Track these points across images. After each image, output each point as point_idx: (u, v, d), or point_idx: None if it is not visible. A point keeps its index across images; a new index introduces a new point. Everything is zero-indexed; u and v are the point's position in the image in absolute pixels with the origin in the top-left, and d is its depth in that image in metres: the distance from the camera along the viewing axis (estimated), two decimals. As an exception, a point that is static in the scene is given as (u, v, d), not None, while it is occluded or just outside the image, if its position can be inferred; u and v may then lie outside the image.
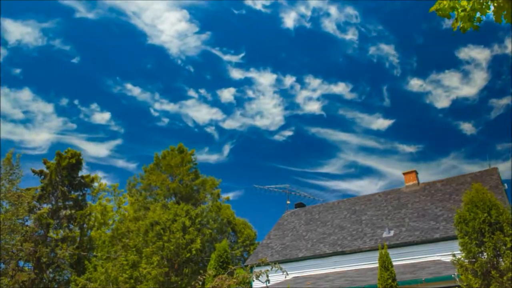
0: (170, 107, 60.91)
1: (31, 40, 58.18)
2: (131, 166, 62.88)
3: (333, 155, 61.88)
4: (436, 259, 15.24)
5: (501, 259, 10.47)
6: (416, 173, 21.47)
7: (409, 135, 60.30)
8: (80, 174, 30.40)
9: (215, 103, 60.94)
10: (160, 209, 26.31)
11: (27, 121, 59.91)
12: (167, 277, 24.85)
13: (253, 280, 9.93)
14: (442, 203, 18.04)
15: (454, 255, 11.17)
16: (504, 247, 10.46)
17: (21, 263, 27.02)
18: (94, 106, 60.74)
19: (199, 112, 60.62)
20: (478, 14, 4.91)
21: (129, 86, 60.67)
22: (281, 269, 8.99)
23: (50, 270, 27.87)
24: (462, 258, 10.94)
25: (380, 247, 13.56)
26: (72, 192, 29.90)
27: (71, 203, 29.32)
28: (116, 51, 62.94)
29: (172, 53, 60.98)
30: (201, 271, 10.97)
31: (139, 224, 26.32)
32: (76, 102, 60.89)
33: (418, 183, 21.08)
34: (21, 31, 56.74)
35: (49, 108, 61.28)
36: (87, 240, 30.27)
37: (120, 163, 64.41)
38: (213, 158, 60.91)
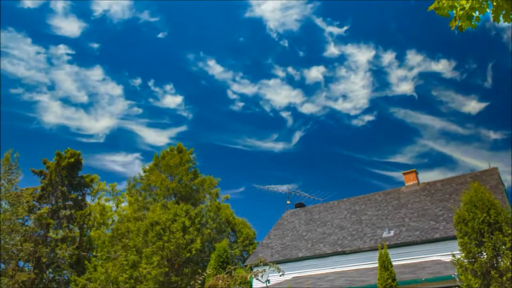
0: (248, 89, 57.67)
1: (118, 11, 55.54)
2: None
3: (409, 141, 57.84)
4: (436, 259, 15.23)
5: (500, 259, 10.46)
6: (416, 173, 21.47)
7: (499, 121, 55.62)
8: (79, 174, 30.42)
9: (299, 83, 57.54)
10: (159, 209, 26.31)
11: (89, 105, 57.40)
12: (167, 277, 24.84)
13: (254, 280, 9.92)
14: (442, 203, 18.02)
15: (453, 255, 11.16)
16: (503, 247, 10.44)
17: (21, 263, 27.04)
18: (168, 87, 57.62)
19: (278, 95, 57.48)
20: (477, 13, 4.90)
21: (211, 62, 57.53)
22: (278, 269, 8.97)
23: (50, 270, 27.89)
24: (461, 258, 10.92)
25: (380, 247, 13.55)
26: (72, 192, 29.92)
27: (70, 203, 29.32)
28: (208, 24, 59.55)
29: (270, 25, 57.77)
30: (201, 271, 10.95)
31: (139, 224, 26.31)
32: (150, 83, 57.99)
33: (418, 183, 21.07)
34: (109, 1, 54.32)
35: (117, 90, 58.69)
36: (87, 240, 30.27)
37: None
38: (278, 146, 58.02)
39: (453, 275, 12.10)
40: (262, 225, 61.04)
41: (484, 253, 10.59)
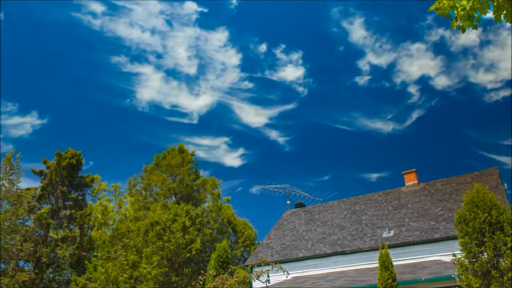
0: (384, 59, 50.90)
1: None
2: (281, 139, 54.61)
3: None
4: (436, 259, 15.24)
5: (501, 259, 10.47)
6: (416, 173, 21.47)
7: None
8: (80, 174, 30.42)
9: (443, 50, 50.01)
10: (160, 209, 26.31)
11: (195, 78, 52.82)
12: (167, 277, 24.85)
13: (254, 280, 9.93)
14: (442, 203, 18.03)
15: (454, 255, 11.17)
16: (504, 247, 10.46)
17: (21, 263, 27.03)
18: (295, 56, 51.85)
19: (414, 66, 50.32)
20: (477, 14, 4.90)
21: (358, 22, 51.01)
22: (281, 269, 8.98)
23: (50, 270, 27.88)
24: (462, 258, 10.93)
25: (380, 247, 13.56)
26: (72, 192, 29.92)
27: (71, 203, 29.33)
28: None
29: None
30: (201, 271, 10.97)
31: (139, 224, 26.32)
32: (277, 50, 52.48)
33: (418, 183, 21.07)
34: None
35: (234, 59, 53.86)
36: (87, 240, 30.28)
37: (274, 134, 56.16)
38: (387, 128, 51.89)
39: (453, 275, 12.11)
40: (262, 225, 60.91)
41: (485, 253, 10.61)
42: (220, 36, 53.84)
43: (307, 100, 53.58)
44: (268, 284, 9.86)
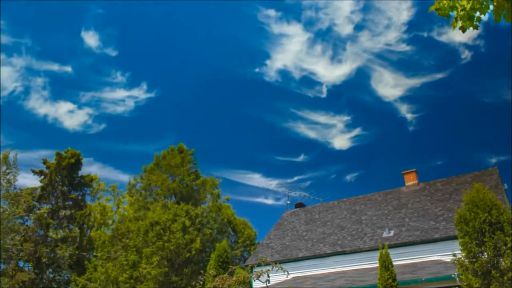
0: None
1: None
2: (410, 116, 48.61)
3: None
4: (436, 259, 15.23)
5: (501, 259, 10.47)
6: (416, 173, 21.46)
7: None
8: (79, 174, 30.42)
9: None
10: (160, 209, 26.31)
11: (345, 40, 49.39)
12: (167, 277, 24.84)
13: (254, 280, 9.93)
14: (442, 203, 18.03)
15: (454, 255, 11.17)
16: (504, 247, 10.46)
17: (21, 263, 27.02)
18: None
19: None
20: (477, 14, 4.90)
21: None
22: (281, 269, 8.99)
23: (50, 270, 27.87)
24: (462, 258, 10.94)
25: (381, 247, 13.56)
26: (72, 192, 29.91)
27: (70, 203, 29.32)
28: None
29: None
30: (201, 271, 10.98)
31: (139, 224, 26.32)
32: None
33: (418, 183, 21.07)
34: None
35: (404, 15, 47.53)
36: (87, 240, 30.26)
37: (404, 109, 50.09)
38: None
39: (453, 275, 12.11)
40: (262, 226, 60.59)
41: (485, 253, 10.61)
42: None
43: (467, 68, 46.24)
44: (268, 284, 9.87)
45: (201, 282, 11.32)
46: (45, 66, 55.65)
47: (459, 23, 4.94)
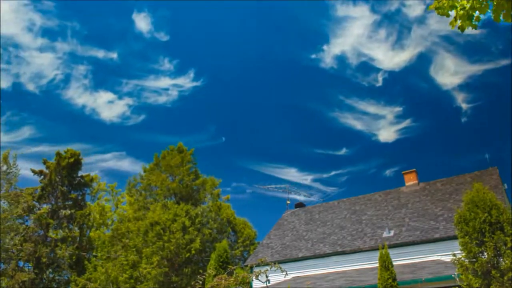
0: None
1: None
2: (465, 105, 47.06)
3: None
4: (436, 259, 15.22)
5: (501, 259, 10.46)
6: (416, 172, 21.46)
7: None
8: (79, 173, 30.41)
9: None
10: (160, 209, 26.30)
11: (412, 22, 46.14)
12: (167, 277, 24.84)
13: (253, 280, 9.92)
14: (442, 203, 18.02)
15: (454, 255, 11.16)
16: (504, 247, 10.45)
17: (21, 263, 27.01)
18: None
19: None
20: (477, 13, 4.89)
21: None
22: (281, 269, 8.98)
23: (50, 270, 27.85)
24: (462, 258, 10.92)
25: (381, 247, 13.55)
26: (72, 192, 29.90)
27: (70, 203, 29.30)
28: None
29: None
30: (201, 271, 10.96)
31: (139, 224, 26.31)
32: None
33: (418, 183, 21.06)
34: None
35: None
36: (87, 240, 30.25)
37: (460, 98, 48.59)
38: None
39: (453, 275, 12.10)
40: (262, 225, 59.96)
41: (485, 253, 10.59)
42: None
43: None
44: (268, 284, 9.86)
45: (201, 282, 11.28)
46: (90, 52, 53.54)
47: (458, 23, 4.93)
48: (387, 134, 50.07)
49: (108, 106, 52.38)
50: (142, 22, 52.91)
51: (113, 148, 59.84)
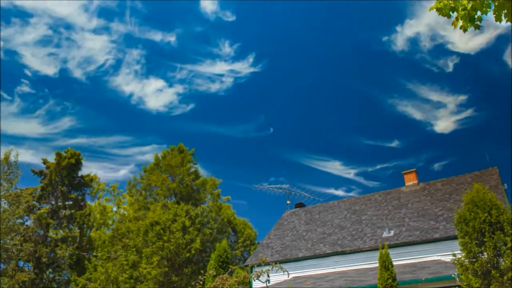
0: None
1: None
2: None
3: None
4: (436, 259, 15.23)
5: (501, 259, 10.47)
6: (416, 172, 21.47)
7: None
8: (79, 174, 30.41)
9: None
10: (160, 209, 26.30)
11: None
12: (167, 277, 24.84)
13: (254, 280, 9.92)
14: (442, 203, 18.03)
15: (454, 255, 11.16)
16: (504, 247, 10.46)
17: (21, 263, 27.02)
18: None
19: None
20: (478, 13, 4.90)
21: None
22: (281, 269, 8.98)
23: (50, 270, 27.86)
24: (462, 258, 10.93)
25: (380, 247, 13.56)
26: (72, 192, 29.90)
27: (70, 203, 29.31)
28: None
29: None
30: (202, 271, 10.96)
31: (139, 224, 26.30)
32: None
33: (418, 183, 21.07)
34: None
35: None
36: (87, 240, 30.25)
37: None
38: None
39: (453, 275, 12.11)
40: (262, 225, 58.99)
41: (485, 253, 10.60)
42: None
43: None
44: (268, 284, 9.87)
45: (201, 282, 11.29)
46: (147, 34, 49.99)
47: (460, 23, 4.94)
48: (444, 124, 47.50)
49: (155, 95, 49.58)
50: (208, 1, 49.75)
51: (154, 140, 56.78)
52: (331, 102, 52.47)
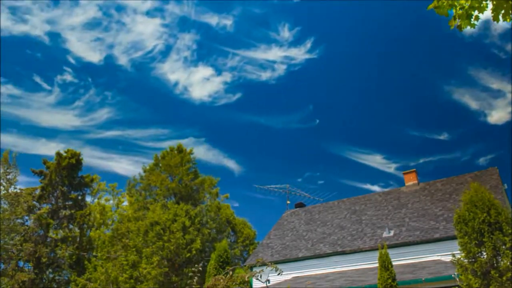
0: None
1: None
2: None
3: None
4: (436, 259, 15.21)
5: (500, 259, 10.45)
6: (416, 172, 21.44)
7: None
8: (79, 174, 30.42)
9: None
10: (159, 209, 26.31)
11: None
12: (167, 277, 24.84)
13: (253, 279, 9.92)
14: (442, 203, 18.00)
15: (454, 255, 11.15)
16: (503, 247, 10.44)
17: (21, 263, 27.01)
18: None
19: None
20: (476, 12, 4.88)
21: None
22: (276, 269, 8.96)
23: (50, 270, 27.86)
24: (461, 258, 10.91)
25: (380, 247, 13.54)
26: (72, 192, 29.90)
27: (70, 203, 29.31)
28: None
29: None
30: (200, 269, 10.93)
31: (139, 224, 26.32)
32: None
33: (418, 183, 21.05)
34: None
35: None
36: (87, 240, 30.26)
37: None
38: None
39: (453, 275, 12.09)
40: (262, 225, 57.74)
41: (484, 253, 10.58)
42: None
43: None
44: (268, 284, 9.86)
45: (195, 279, 11.28)
46: (203, 17, 46.27)
47: (457, 22, 4.92)
48: (499, 115, 44.33)
49: (201, 84, 46.42)
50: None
51: (192, 133, 53.56)
52: (381, 90, 49.17)
